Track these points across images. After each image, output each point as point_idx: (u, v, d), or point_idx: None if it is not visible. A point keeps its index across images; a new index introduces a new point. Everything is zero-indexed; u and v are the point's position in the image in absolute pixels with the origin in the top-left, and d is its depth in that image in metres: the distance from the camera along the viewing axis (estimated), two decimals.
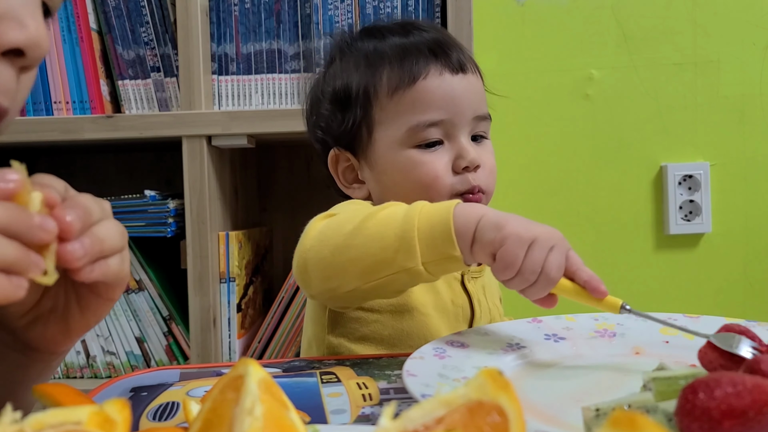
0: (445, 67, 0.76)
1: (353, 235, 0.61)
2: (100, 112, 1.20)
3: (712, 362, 0.49)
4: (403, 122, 0.75)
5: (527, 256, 0.55)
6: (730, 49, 1.42)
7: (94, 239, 0.43)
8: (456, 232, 0.57)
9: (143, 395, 0.54)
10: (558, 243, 0.57)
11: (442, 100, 0.75)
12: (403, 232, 0.58)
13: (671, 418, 0.36)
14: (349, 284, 0.62)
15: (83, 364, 1.24)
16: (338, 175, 0.81)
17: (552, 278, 0.56)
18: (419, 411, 0.30)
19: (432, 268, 0.59)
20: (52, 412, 0.29)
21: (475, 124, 0.77)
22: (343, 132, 0.79)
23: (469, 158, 0.74)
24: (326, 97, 0.81)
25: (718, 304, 1.43)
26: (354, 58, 0.79)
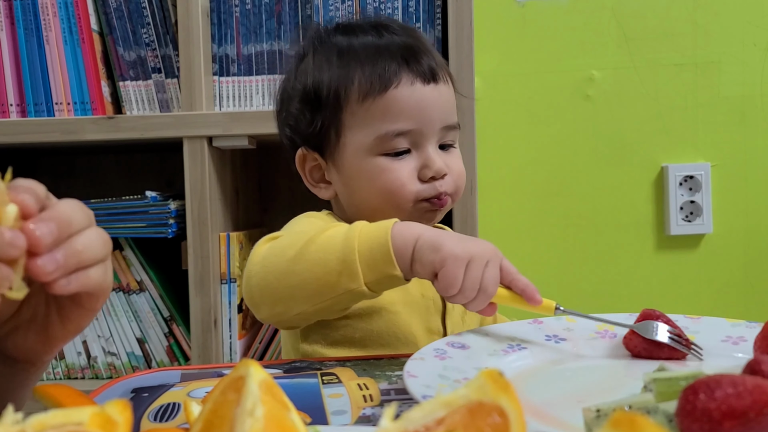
0: (417, 76, 0.76)
1: (296, 261, 0.62)
2: (101, 113, 1.20)
3: (636, 347, 0.58)
4: (372, 130, 0.75)
5: (466, 275, 0.58)
6: (730, 49, 1.42)
7: (69, 251, 0.41)
8: (395, 252, 0.60)
9: (144, 396, 0.54)
10: (492, 257, 0.60)
11: (413, 111, 0.75)
12: (345, 256, 0.60)
13: (672, 418, 0.36)
14: (296, 308, 0.64)
15: (84, 364, 1.24)
16: (305, 173, 0.82)
17: (490, 293, 0.60)
18: (420, 412, 0.30)
19: (374, 286, 0.61)
20: (53, 413, 0.29)
21: (443, 133, 0.78)
22: (311, 133, 0.79)
23: (435, 168, 0.75)
24: (296, 95, 0.81)
25: (718, 305, 1.43)
26: (326, 54, 0.79)
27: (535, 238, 1.45)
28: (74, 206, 0.43)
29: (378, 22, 0.82)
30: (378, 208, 0.76)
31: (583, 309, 0.73)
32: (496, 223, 1.45)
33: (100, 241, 0.44)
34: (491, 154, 1.44)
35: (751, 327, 0.62)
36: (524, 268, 1.60)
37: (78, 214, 0.43)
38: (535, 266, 1.45)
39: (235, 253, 1.18)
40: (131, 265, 1.22)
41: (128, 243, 1.22)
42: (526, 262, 1.45)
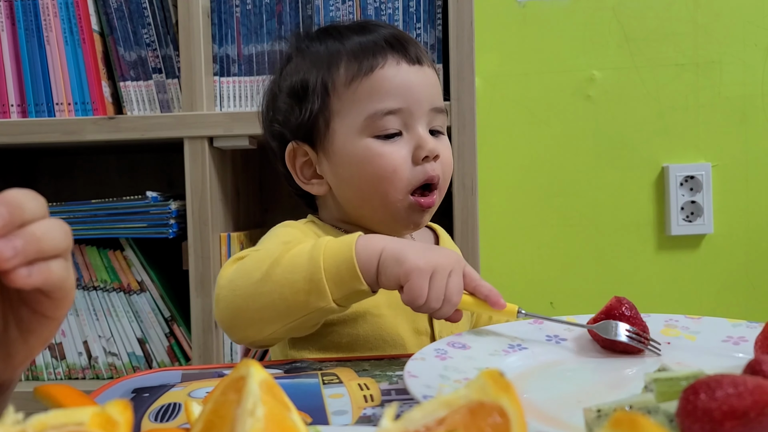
0: (402, 58, 0.76)
1: (263, 283, 0.62)
2: (101, 113, 1.21)
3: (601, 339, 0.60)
4: (361, 110, 0.75)
5: (431, 286, 0.60)
6: (731, 49, 1.42)
7: (28, 238, 0.37)
8: (360, 267, 0.61)
9: (145, 396, 0.54)
10: (455, 267, 0.62)
11: (399, 89, 0.75)
12: (311, 275, 0.61)
13: (672, 419, 0.36)
14: (267, 330, 0.64)
15: (85, 365, 1.24)
16: (296, 170, 0.81)
17: (454, 302, 0.61)
18: (420, 412, 0.30)
19: (343, 302, 0.62)
20: (54, 414, 0.29)
21: (432, 116, 0.77)
22: (300, 124, 0.78)
23: (429, 147, 0.74)
24: (283, 92, 0.80)
25: (719, 305, 1.43)
26: (311, 55, 0.79)
27: (535, 238, 1.45)
28: (25, 193, 0.39)
29: (364, 21, 0.84)
30: (368, 197, 0.76)
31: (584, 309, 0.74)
32: (496, 223, 1.45)
33: (60, 230, 0.40)
34: (492, 154, 1.44)
35: (752, 327, 0.62)
36: (525, 268, 1.60)
37: (31, 202, 0.39)
38: (536, 266, 1.45)
39: (236, 253, 1.18)
40: (132, 266, 1.22)
41: (129, 243, 1.22)
42: (526, 262, 1.45)
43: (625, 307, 0.61)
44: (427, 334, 0.79)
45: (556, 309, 1.42)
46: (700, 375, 0.40)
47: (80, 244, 1.21)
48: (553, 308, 1.43)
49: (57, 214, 1.18)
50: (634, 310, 0.61)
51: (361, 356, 0.72)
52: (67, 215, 1.18)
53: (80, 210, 1.18)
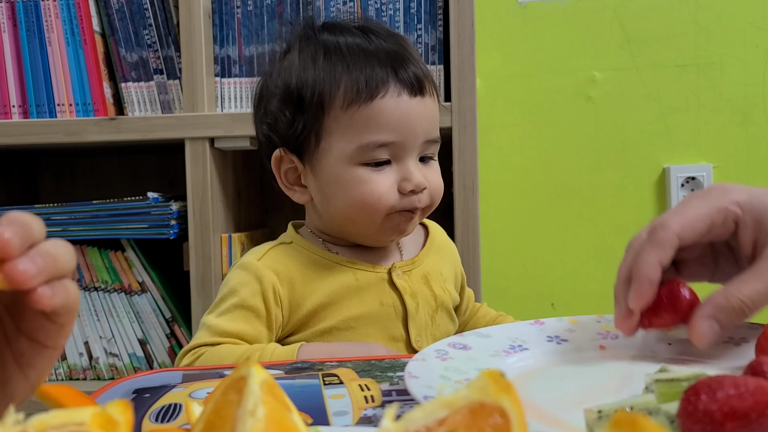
0: (404, 87, 0.75)
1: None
2: (103, 114, 1.21)
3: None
4: (354, 138, 0.74)
5: None
6: (732, 50, 1.42)
7: (46, 256, 0.35)
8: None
9: (146, 397, 0.54)
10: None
11: (397, 123, 0.74)
12: None
13: (673, 420, 0.36)
14: None
15: (86, 365, 1.24)
16: (280, 175, 0.81)
17: None
18: (421, 412, 0.30)
19: None
20: (54, 414, 0.29)
21: (424, 147, 0.78)
22: (291, 134, 0.77)
23: (415, 182, 0.75)
24: (277, 93, 0.79)
25: None
26: (312, 52, 0.78)
27: (536, 239, 1.45)
28: (26, 214, 0.37)
29: (365, 26, 0.81)
30: (351, 217, 0.77)
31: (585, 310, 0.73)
32: (497, 224, 1.45)
33: (68, 249, 0.38)
34: (493, 155, 1.44)
35: (753, 328, 0.62)
36: (525, 269, 1.60)
37: (35, 222, 0.37)
38: (537, 267, 1.45)
39: (237, 254, 1.18)
40: (133, 266, 1.22)
41: (130, 244, 1.22)
42: (527, 263, 1.45)
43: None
44: (403, 340, 0.79)
45: (557, 310, 1.42)
46: (701, 376, 0.40)
47: (81, 244, 1.22)
48: (554, 309, 1.43)
49: (58, 215, 1.18)
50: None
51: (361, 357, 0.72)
52: (69, 216, 1.18)
53: (81, 211, 1.18)
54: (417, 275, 0.83)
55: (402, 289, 0.80)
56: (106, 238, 1.20)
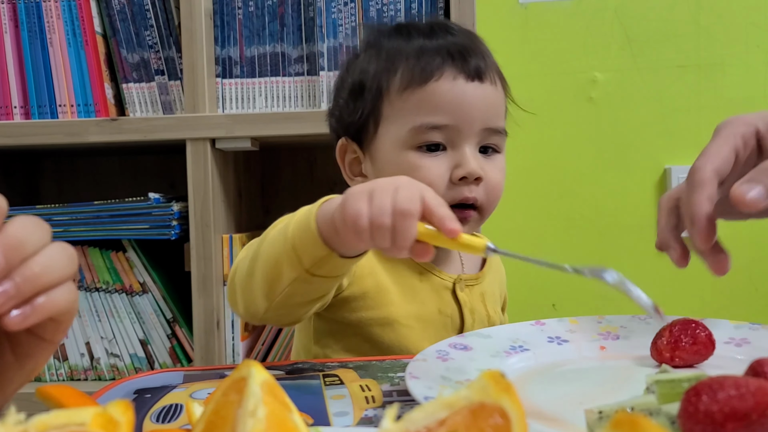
0: (460, 72, 0.73)
1: (254, 260, 0.61)
2: (104, 115, 1.21)
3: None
4: (408, 121, 0.73)
5: (371, 205, 0.51)
6: (733, 51, 1.42)
7: (23, 278, 0.35)
8: (320, 230, 0.55)
9: (147, 397, 0.54)
10: (403, 184, 0.52)
11: (450, 105, 0.72)
12: (283, 245, 0.58)
13: (674, 420, 0.36)
14: (261, 307, 0.62)
15: (87, 366, 1.24)
16: (345, 166, 0.81)
17: (407, 212, 0.50)
18: (421, 413, 0.30)
19: (318, 270, 0.57)
20: (55, 414, 0.29)
21: (484, 135, 0.75)
22: (352, 122, 0.78)
23: (468, 169, 0.72)
24: (345, 88, 0.80)
25: (722, 307, 1.43)
26: (376, 54, 0.78)
27: (537, 239, 1.45)
28: (27, 224, 0.37)
29: (437, 22, 0.81)
30: None
31: (587, 311, 0.74)
32: (498, 224, 1.44)
33: (63, 257, 0.38)
34: None
35: (755, 329, 0.62)
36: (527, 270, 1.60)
37: (33, 234, 0.37)
38: (537, 268, 1.45)
39: (238, 254, 1.18)
40: (134, 267, 1.22)
41: (131, 244, 1.22)
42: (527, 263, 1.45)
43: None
44: None
45: (558, 311, 1.42)
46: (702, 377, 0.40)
47: (82, 245, 1.22)
48: (556, 310, 1.43)
49: (60, 216, 1.18)
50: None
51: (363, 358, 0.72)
52: (70, 216, 1.18)
53: (83, 211, 1.19)
54: (477, 292, 0.82)
55: (463, 302, 0.79)
56: (108, 239, 1.20)
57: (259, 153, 1.31)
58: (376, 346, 0.75)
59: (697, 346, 0.56)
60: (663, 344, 0.56)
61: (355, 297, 0.75)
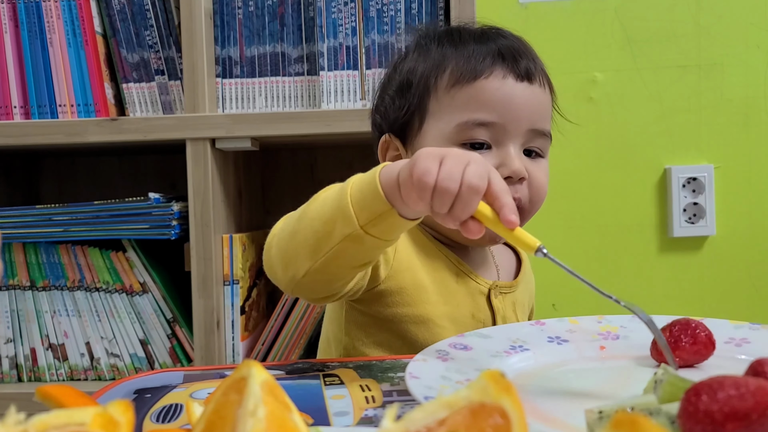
0: (510, 71, 0.74)
1: (300, 220, 0.61)
2: (104, 115, 1.21)
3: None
4: (454, 117, 0.73)
5: (441, 168, 0.52)
6: (734, 51, 1.42)
7: None
8: (383, 186, 0.55)
9: (147, 397, 0.54)
10: (475, 159, 0.53)
11: (498, 103, 0.72)
12: (339, 202, 0.57)
13: (674, 420, 0.36)
14: (303, 267, 0.61)
15: (87, 366, 1.24)
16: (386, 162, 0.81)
17: (475, 186, 0.51)
18: (421, 413, 0.30)
19: (372, 229, 0.56)
20: (55, 414, 0.29)
21: (530, 137, 0.74)
22: (396, 118, 0.78)
23: (513, 168, 0.71)
24: (392, 85, 0.80)
25: (722, 307, 1.43)
26: (425, 54, 0.78)
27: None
28: None
29: (489, 28, 0.81)
30: None
31: (587, 311, 0.73)
32: None
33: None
34: None
35: (755, 329, 0.62)
36: None
37: None
38: (538, 267, 1.45)
39: (238, 254, 1.18)
40: (134, 267, 1.22)
41: (131, 244, 1.22)
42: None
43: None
44: None
45: (558, 311, 1.42)
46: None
47: (83, 245, 1.22)
48: (556, 310, 1.42)
49: (60, 216, 1.18)
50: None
51: (363, 358, 0.72)
52: (70, 216, 1.18)
53: (82, 211, 1.19)
54: (509, 300, 0.81)
55: (496, 309, 0.79)
56: (108, 239, 1.20)
57: (260, 153, 1.31)
58: (407, 343, 0.74)
59: (697, 346, 0.56)
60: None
61: (391, 292, 0.74)
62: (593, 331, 0.64)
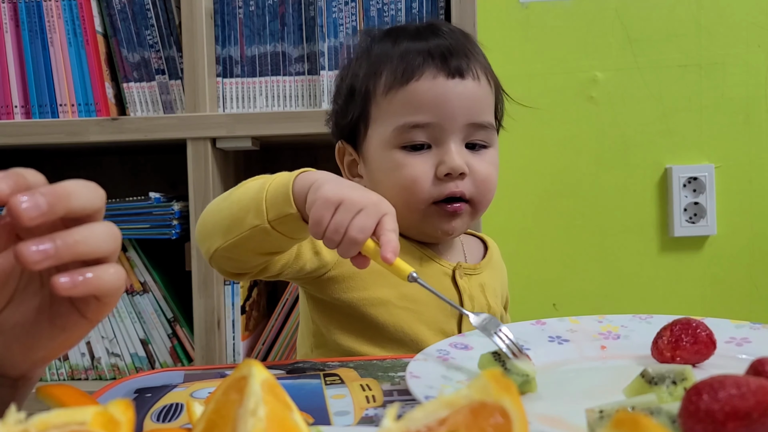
0: (440, 71, 0.75)
1: (224, 200, 0.68)
2: (105, 114, 1.21)
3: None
4: (392, 122, 0.76)
5: (333, 218, 0.57)
6: (734, 50, 1.42)
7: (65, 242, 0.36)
8: (295, 193, 0.61)
9: (147, 396, 0.54)
10: (368, 207, 0.58)
11: (432, 103, 0.74)
12: (256, 194, 0.64)
13: (675, 419, 0.36)
14: (215, 244, 0.67)
15: (88, 365, 1.24)
16: (344, 167, 0.84)
17: (354, 239, 0.57)
18: (422, 412, 0.30)
19: (279, 226, 0.63)
20: (56, 413, 0.29)
21: (469, 131, 0.76)
22: (345, 125, 0.81)
23: (451, 165, 0.74)
24: (341, 93, 0.83)
25: (723, 307, 1.43)
26: (367, 57, 0.81)
27: (538, 239, 1.45)
28: (81, 182, 0.38)
29: (424, 25, 0.83)
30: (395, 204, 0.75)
31: (587, 311, 0.73)
32: (499, 224, 1.44)
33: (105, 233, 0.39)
34: None
35: (755, 328, 0.62)
36: (527, 270, 1.60)
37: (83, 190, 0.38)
38: (539, 267, 1.45)
39: None
40: (135, 267, 1.22)
41: (132, 244, 1.22)
42: (529, 263, 1.45)
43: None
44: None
45: (559, 310, 1.42)
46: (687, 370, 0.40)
47: None
48: (557, 310, 1.42)
49: None
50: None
51: (363, 357, 0.72)
52: None
53: None
54: (476, 282, 0.83)
55: (462, 289, 0.80)
56: None
57: (260, 152, 1.31)
58: (370, 326, 0.76)
59: (698, 346, 0.56)
60: (664, 344, 0.56)
61: (344, 277, 0.77)
62: (594, 331, 0.64)
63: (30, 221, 0.35)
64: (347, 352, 0.77)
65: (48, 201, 0.36)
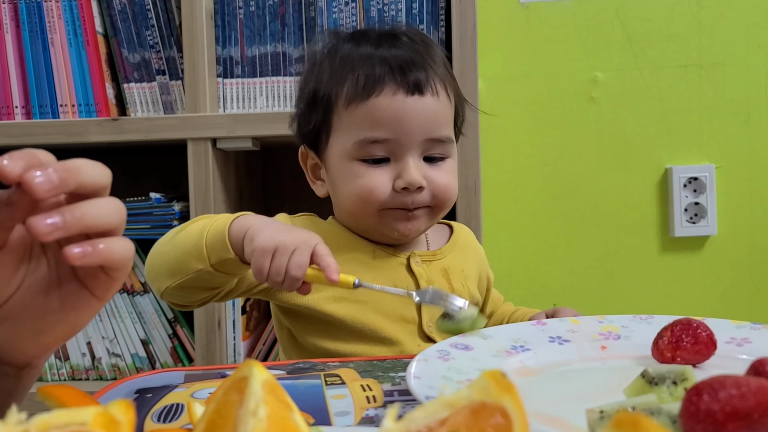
0: (400, 86, 0.76)
1: (169, 242, 0.73)
2: (105, 115, 1.21)
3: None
4: (353, 135, 0.77)
5: (272, 264, 0.65)
6: (735, 51, 1.42)
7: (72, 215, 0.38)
8: (231, 240, 0.68)
9: (148, 397, 0.54)
10: (300, 245, 0.65)
11: (391, 120, 0.76)
12: (197, 241, 0.69)
13: (675, 420, 0.36)
14: (164, 284, 0.72)
15: (88, 366, 1.24)
16: (307, 170, 0.86)
17: (294, 277, 0.65)
18: (422, 412, 0.30)
19: (221, 268, 0.69)
20: (57, 413, 0.29)
21: (427, 146, 0.78)
22: (308, 131, 0.83)
23: (408, 179, 0.76)
24: (303, 97, 0.84)
25: (723, 307, 1.43)
26: (330, 61, 0.81)
27: (539, 239, 1.45)
28: (89, 161, 0.40)
29: (388, 32, 0.83)
30: (351, 210, 0.80)
31: (588, 310, 0.73)
32: (500, 224, 1.45)
33: (110, 207, 0.41)
34: (495, 156, 1.44)
35: (756, 328, 0.62)
36: (528, 270, 1.60)
37: (93, 168, 0.40)
38: (539, 268, 1.45)
39: None
40: (135, 267, 1.22)
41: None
42: (529, 263, 1.45)
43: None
44: (414, 323, 0.81)
45: None
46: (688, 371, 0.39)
47: None
48: None
49: None
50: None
51: (363, 357, 0.72)
52: None
53: None
54: (437, 267, 0.84)
55: (418, 275, 0.82)
56: None
57: (260, 153, 1.31)
58: (331, 324, 0.79)
59: (699, 346, 0.56)
60: (664, 344, 0.56)
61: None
62: (594, 331, 0.64)
63: (44, 194, 0.38)
64: (321, 352, 0.79)
65: (60, 176, 0.38)
